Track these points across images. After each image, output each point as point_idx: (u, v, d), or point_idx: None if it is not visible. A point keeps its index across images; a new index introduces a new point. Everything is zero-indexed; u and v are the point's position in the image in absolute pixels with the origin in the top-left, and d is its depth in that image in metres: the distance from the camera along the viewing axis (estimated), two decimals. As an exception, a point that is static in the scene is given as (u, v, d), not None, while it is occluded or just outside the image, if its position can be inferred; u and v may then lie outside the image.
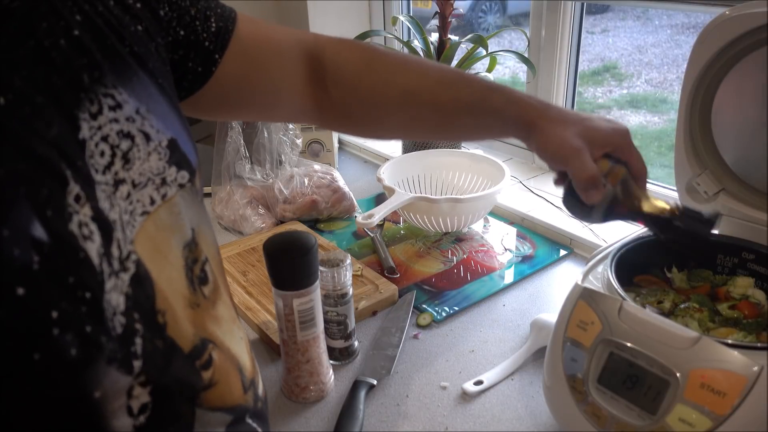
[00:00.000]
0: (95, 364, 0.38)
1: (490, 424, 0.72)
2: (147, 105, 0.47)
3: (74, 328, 0.36)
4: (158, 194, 0.46)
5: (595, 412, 0.60)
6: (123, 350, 0.39)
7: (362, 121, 0.73)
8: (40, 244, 0.35)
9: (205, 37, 0.59)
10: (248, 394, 0.54)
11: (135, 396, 0.41)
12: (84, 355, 0.37)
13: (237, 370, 0.52)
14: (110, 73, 0.44)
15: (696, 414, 0.54)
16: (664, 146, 2.84)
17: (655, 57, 3.76)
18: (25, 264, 0.34)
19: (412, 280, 1.01)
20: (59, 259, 0.36)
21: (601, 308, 0.62)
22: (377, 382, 0.78)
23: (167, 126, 0.48)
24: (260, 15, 1.74)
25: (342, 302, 0.79)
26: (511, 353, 0.83)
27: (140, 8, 0.51)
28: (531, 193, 1.26)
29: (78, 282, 0.37)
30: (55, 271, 0.36)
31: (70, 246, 0.37)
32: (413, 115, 0.70)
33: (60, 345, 0.35)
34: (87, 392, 0.38)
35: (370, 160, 1.55)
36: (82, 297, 0.37)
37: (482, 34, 1.29)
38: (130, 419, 0.41)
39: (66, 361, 0.36)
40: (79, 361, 0.37)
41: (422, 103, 0.68)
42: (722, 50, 0.67)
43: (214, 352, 0.49)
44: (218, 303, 0.53)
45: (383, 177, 1.11)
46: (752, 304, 0.68)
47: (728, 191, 0.74)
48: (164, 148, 0.47)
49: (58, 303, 0.36)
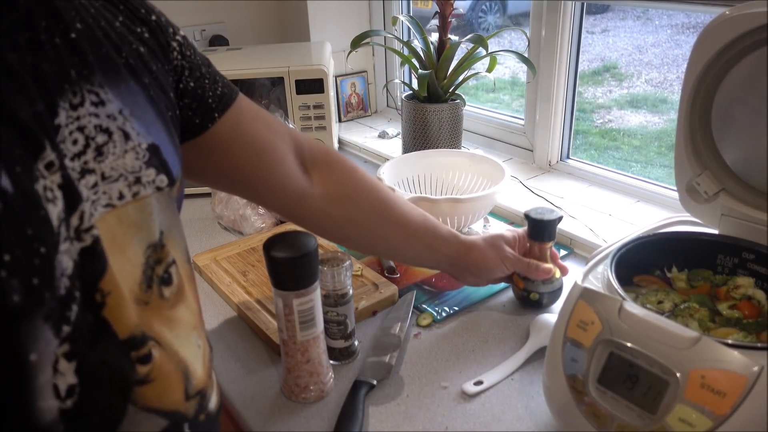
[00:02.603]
0: (34, 317, 0.39)
1: (490, 424, 0.72)
2: (131, 109, 0.50)
3: (22, 276, 0.38)
4: (129, 191, 0.48)
5: (595, 412, 0.60)
6: (60, 311, 0.41)
7: (337, 227, 0.82)
8: (4, 193, 0.38)
9: (210, 95, 0.66)
10: (190, 402, 0.53)
11: (61, 372, 0.41)
12: (25, 305, 0.39)
13: (181, 375, 0.52)
14: (99, 73, 0.48)
15: (696, 414, 0.54)
16: (664, 146, 2.84)
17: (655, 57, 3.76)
18: None
19: (412, 280, 1.01)
20: (21, 210, 0.39)
21: (601, 308, 0.62)
22: (377, 382, 0.78)
23: (149, 132, 0.51)
24: (260, 15, 1.75)
25: (342, 302, 0.79)
26: (511, 353, 0.83)
27: (148, 38, 0.56)
28: (531, 193, 1.26)
29: (35, 235, 0.40)
30: (14, 219, 0.38)
31: (33, 202, 0.40)
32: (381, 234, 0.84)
33: (4, 288, 0.37)
34: (23, 353, 0.39)
35: (370, 160, 1.55)
36: (37, 250, 0.39)
37: (482, 34, 1.29)
38: (57, 401, 0.41)
39: (7, 306, 0.38)
40: (19, 309, 0.38)
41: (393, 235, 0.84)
42: (722, 50, 0.67)
43: (155, 350, 0.49)
44: (179, 306, 0.53)
45: (383, 177, 1.11)
46: (752, 304, 0.68)
47: (728, 191, 0.74)
48: (143, 149, 0.50)
49: (12, 248, 0.38)
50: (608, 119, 3.19)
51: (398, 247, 0.85)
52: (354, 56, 1.42)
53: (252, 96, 1.35)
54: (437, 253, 0.85)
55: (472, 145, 1.53)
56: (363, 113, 1.80)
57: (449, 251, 0.85)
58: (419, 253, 0.86)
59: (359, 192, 0.81)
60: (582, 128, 3.03)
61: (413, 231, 0.84)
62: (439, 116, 1.30)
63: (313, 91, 1.33)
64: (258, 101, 1.34)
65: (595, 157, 2.71)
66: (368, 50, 1.76)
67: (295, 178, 0.76)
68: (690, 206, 0.78)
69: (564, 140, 1.37)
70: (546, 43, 1.29)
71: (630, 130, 3.05)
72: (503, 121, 1.49)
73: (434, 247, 0.85)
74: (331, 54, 1.54)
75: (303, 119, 1.35)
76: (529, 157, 1.43)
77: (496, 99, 3.38)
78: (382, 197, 0.83)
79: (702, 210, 0.76)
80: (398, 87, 1.73)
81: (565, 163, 1.37)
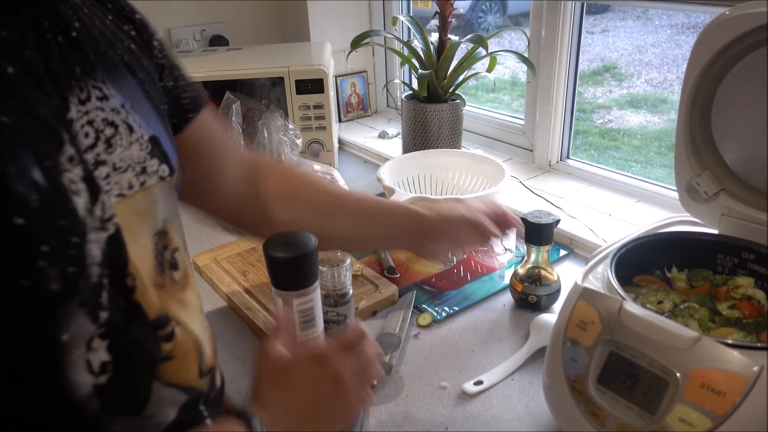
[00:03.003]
0: (70, 303, 0.42)
1: (490, 424, 0.72)
2: (131, 103, 0.52)
3: (59, 265, 0.41)
4: (137, 180, 0.50)
5: (595, 412, 0.60)
6: (94, 298, 0.43)
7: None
8: (38, 186, 0.40)
9: (185, 96, 0.66)
10: (203, 379, 0.57)
11: (94, 348, 0.44)
12: (63, 293, 0.41)
13: (197, 353, 0.56)
14: (101, 70, 0.50)
15: (696, 414, 0.54)
16: (664, 146, 2.84)
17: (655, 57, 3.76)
18: (25, 199, 0.39)
19: (412, 280, 1.01)
20: (53, 203, 0.41)
21: (601, 308, 0.62)
22: (377, 382, 0.78)
23: (149, 124, 0.54)
24: (260, 15, 1.75)
25: (342, 302, 0.79)
26: (511, 353, 0.83)
27: (135, 35, 0.58)
28: (531, 193, 1.26)
29: (68, 226, 0.42)
30: (49, 211, 0.40)
31: (62, 195, 0.42)
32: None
33: (45, 277, 0.40)
34: (56, 334, 0.41)
35: (370, 160, 1.55)
36: (69, 240, 0.42)
37: (482, 34, 1.29)
38: (91, 376, 0.44)
39: (46, 294, 0.40)
40: (57, 297, 0.41)
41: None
42: (722, 50, 0.67)
43: (177, 329, 0.53)
44: (187, 289, 0.57)
45: (383, 177, 1.11)
46: (752, 304, 0.68)
47: (728, 191, 0.74)
48: (146, 141, 0.52)
49: (49, 239, 0.40)
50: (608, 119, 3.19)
51: (352, 234, 0.82)
52: (354, 56, 1.42)
53: (252, 96, 1.36)
54: (392, 229, 0.82)
55: (472, 145, 1.53)
56: (363, 113, 1.80)
57: (404, 223, 0.81)
58: (375, 233, 0.83)
59: (302, 190, 0.81)
60: (582, 128, 3.03)
61: (363, 214, 0.81)
62: (439, 116, 1.30)
63: (313, 91, 1.33)
64: (258, 101, 1.35)
65: (595, 157, 2.71)
66: (368, 50, 1.76)
67: (243, 184, 0.76)
68: (690, 206, 0.78)
69: (564, 140, 1.37)
70: (546, 43, 1.29)
71: (630, 130, 3.05)
72: (503, 121, 1.49)
73: (389, 225, 0.81)
74: (331, 54, 1.54)
75: (303, 119, 1.35)
76: (529, 157, 1.43)
77: (496, 99, 3.38)
78: (326, 190, 0.82)
79: (702, 210, 0.77)
80: (398, 87, 1.73)
81: (565, 163, 1.37)
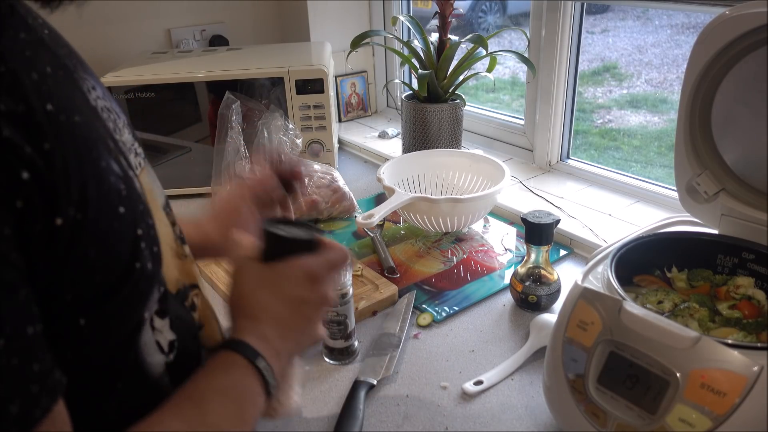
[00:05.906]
0: (156, 281, 0.45)
1: (490, 424, 0.72)
2: (105, 93, 0.53)
3: (149, 246, 0.44)
4: (136, 160, 0.52)
5: (595, 412, 0.60)
6: (160, 275, 0.47)
7: None
8: (120, 177, 0.43)
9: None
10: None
11: (158, 329, 0.46)
12: (154, 270, 0.44)
13: (215, 318, 0.60)
14: (79, 65, 0.51)
15: (696, 414, 0.54)
16: (664, 146, 2.84)
17: (655, 57, 3.76)
18: (118, 189, 0.42)
19: (412, 280, 1.01)
20: (131, 189, 0.44)
21: (601, 308, 0.62)
22: (377, 382, 0.78)
23: (120, 112, 0.56)
24: (260, 15, 1.75)
25: (342, 302, 0.79)
26: (511, 353, 0.83)
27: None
28: (531, 193, 1.26)
29: (145, 210, 0.45)
30: (132, 198, 0.43)
31: (132, 181, 0.45)
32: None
33: (144, 258, 0.43)
34: (143, 313, 0.44)
35: (370, 160, 1.55)
36: (148, 221, 0.45)
37: (482, 34, 1.29)
38: (163, 356, 0.47)
39: (149, 274, 0.43)
40: (153, 275, 0.44)
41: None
42: (722, 50, 0.67)
43: (196, 298, 0.55)
44: (193, 262, 0.59)
45: (383, 177, 1.11)
46: (752, 304, 0.68)
47: (728, 191, 0.74)
48: (129, 126, 0.54)
49: (140, 223, 0.43)
50: (608, 119, 3.19)
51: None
52: (354, 56, 1.42)
53: (252, 96, 1.35)
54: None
55: (472, 145, 1.53)
56: (363, 113, 1.80)
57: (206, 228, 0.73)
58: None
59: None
60: (582, 128, 3.03)
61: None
62: (439, 116, 1.30)
63: (313, 91, 1.33)
64: (258, 101, 1.34)
65: (595, 157, 2.71)
66: (368, 50, 1.76)
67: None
68: (690, 206, 0.78)
69: (564, 140, 1.37)
70: (546, 43, 1.29)
71: (630, 130, 3.05)
72: (503, 121, 1.49)
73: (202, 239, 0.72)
74: (331, 54, 1.54)
75: (303, 119, 1.35)
76: (529, 157, 1.43)
77: (496, 99, 3.38)
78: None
79: (702, 210, 0.77)
80: (398, 87, 1.73)
81: (564, 163, 1.37)
